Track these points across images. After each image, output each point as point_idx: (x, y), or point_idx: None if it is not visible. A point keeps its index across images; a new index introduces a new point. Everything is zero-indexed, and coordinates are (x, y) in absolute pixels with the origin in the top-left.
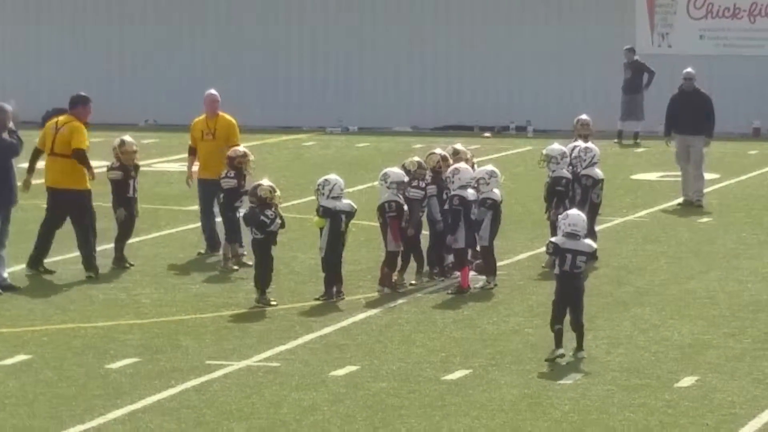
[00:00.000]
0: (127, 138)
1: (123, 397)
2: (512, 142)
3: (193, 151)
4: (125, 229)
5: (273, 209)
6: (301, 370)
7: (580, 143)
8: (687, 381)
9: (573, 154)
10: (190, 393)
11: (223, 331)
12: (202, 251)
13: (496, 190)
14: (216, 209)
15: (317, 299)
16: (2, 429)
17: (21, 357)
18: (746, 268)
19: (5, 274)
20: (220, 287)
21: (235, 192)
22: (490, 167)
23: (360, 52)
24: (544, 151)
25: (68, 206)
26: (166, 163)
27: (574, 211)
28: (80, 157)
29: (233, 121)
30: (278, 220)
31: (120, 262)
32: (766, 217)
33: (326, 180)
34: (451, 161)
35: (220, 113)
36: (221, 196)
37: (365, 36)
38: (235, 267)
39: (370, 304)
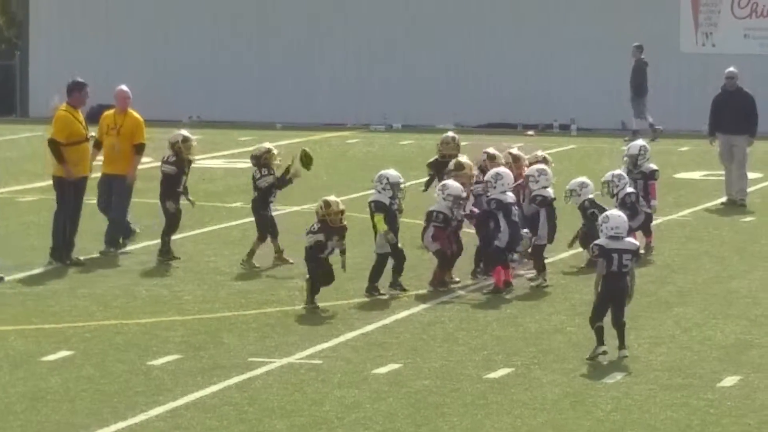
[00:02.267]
0: (188, 133)
1: (165, 394)
2: (556, 140)
3: (98, 145)
4: (173, 222)
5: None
6: (343, 367)
7: (639, 141)
8: (729, 381)
9: (632, 153)
10: (232, 390)
11: (265, 329)
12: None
13: (549, 189)
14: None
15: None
16: (44, 425)
17: (63, 353)
18: None
19: None
20: (263, 284)
21: (269, 189)
22: (540, 165)
23: (404, 49)
24: (568, 187)
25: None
26: (209, 160)
27: (614, 212)
28: (51, 146)
29: (141, 119)
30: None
31: (167, 255)
32: None
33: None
34: (502, 161)
35: (129, 110)
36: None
37: (409, 33)
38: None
39: (413, 302)
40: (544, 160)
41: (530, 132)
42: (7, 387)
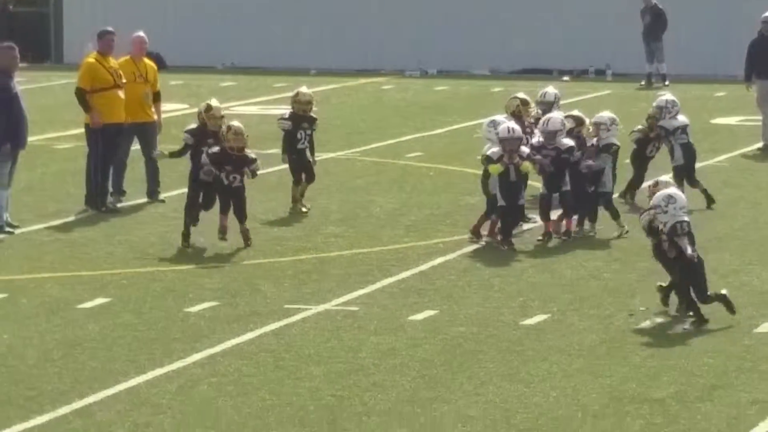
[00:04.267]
0: (303, 89)
1: (202, 341)
2: (591, 85)
3: None
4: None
5: None
6: (379, 314)
7: (667, 95)
8: (766, 326)
9: (659, 105)
10: (268, 337)
11: (301, 275)
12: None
13: (615, 138)
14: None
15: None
16: (82, 372)
17: (100, 300)
18: None
19: (5, 218)
20: (299, 231)
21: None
22: (609, 113)
23: None
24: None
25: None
26: (245, 106)
27: (678, 192)
28: (76, 95)
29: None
30: None
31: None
32: None
33: (494, 121)
34: (533, 106)
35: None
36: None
37: None
38: (304, 209)
39: (449, 249)
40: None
41: (565, 77)
42: (45, 334)
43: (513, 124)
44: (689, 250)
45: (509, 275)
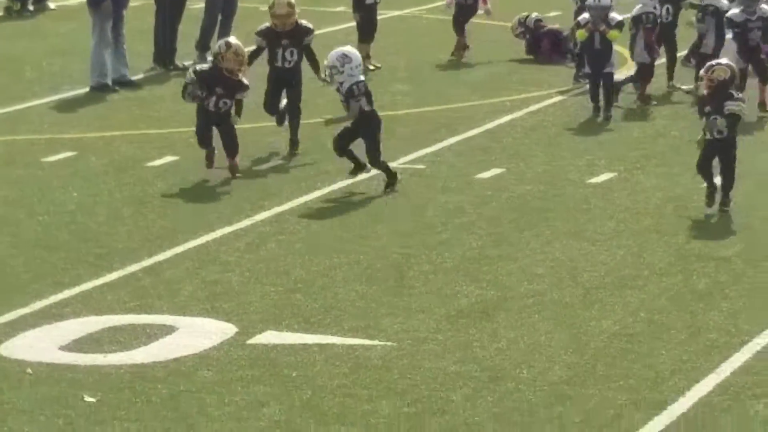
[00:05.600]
0: None
1: (270, 199)
2: None
3: None
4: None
5: None
6: (446, 172)
7: None
8: None
9: None
10: (336, 194)
11: None
12: None
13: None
14: None
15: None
16: (151, 229)
17: (168, 158)
18: None
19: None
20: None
21: None
22: None
23: None
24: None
25: None
26: None
27: (351, 51)
28: None
29: None
30: None
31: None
32: None
33: None
34: None
35: None
36: None
37: None
38: (372, 67)
39: (515, 107)
40: None
41: None
42: (114, 192)
43: None
44: (366, 107)
45: (576, 133)
